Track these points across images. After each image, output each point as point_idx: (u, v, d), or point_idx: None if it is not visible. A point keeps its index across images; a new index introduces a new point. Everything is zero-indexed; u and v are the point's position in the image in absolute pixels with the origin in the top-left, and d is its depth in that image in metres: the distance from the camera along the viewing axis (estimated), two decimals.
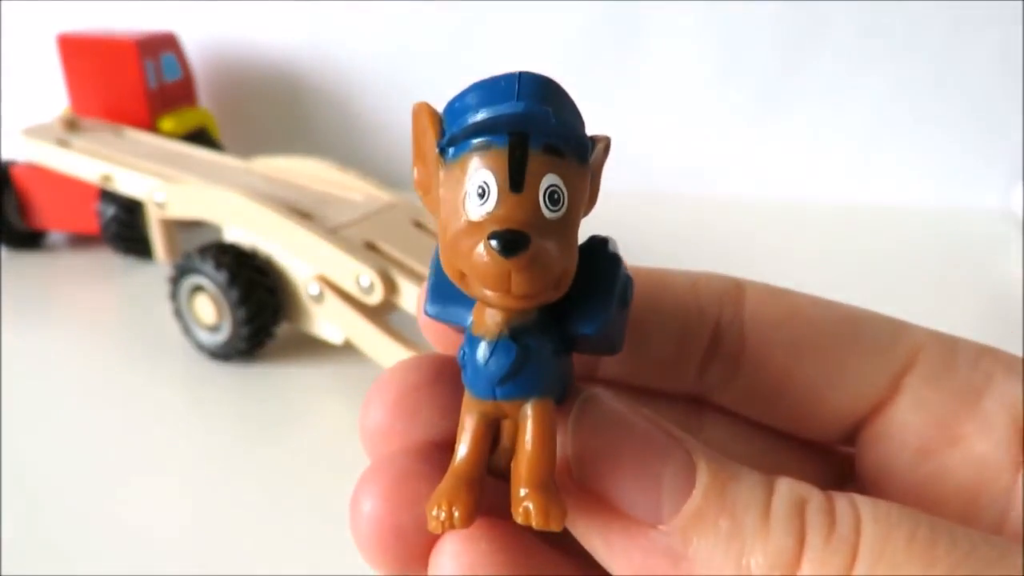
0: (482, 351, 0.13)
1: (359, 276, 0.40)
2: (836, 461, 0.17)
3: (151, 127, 0.61)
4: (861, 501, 0.12)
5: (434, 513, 0.12)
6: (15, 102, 0.71)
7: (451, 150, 0.12)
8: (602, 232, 0.14)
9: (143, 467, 0.38)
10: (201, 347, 0.46)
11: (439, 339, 0.16)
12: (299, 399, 0.43)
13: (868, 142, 0.71)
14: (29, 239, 0.60)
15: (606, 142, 0.13)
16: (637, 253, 0.20)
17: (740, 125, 0.71)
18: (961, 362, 0.15)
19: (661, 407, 0.17)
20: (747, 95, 0.70)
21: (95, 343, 0.49)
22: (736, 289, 0.16)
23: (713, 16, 0.67)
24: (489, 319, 0.13)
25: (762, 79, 0.69)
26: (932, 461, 0.15)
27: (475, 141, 0.12)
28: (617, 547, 0.12)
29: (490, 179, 0.12)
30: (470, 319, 0.13)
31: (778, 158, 0.72)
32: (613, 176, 0.16)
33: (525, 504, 0.12)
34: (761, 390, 0.16)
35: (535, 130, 0.12)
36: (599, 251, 0.14)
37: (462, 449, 0.13)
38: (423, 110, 0.13)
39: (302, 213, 0.44)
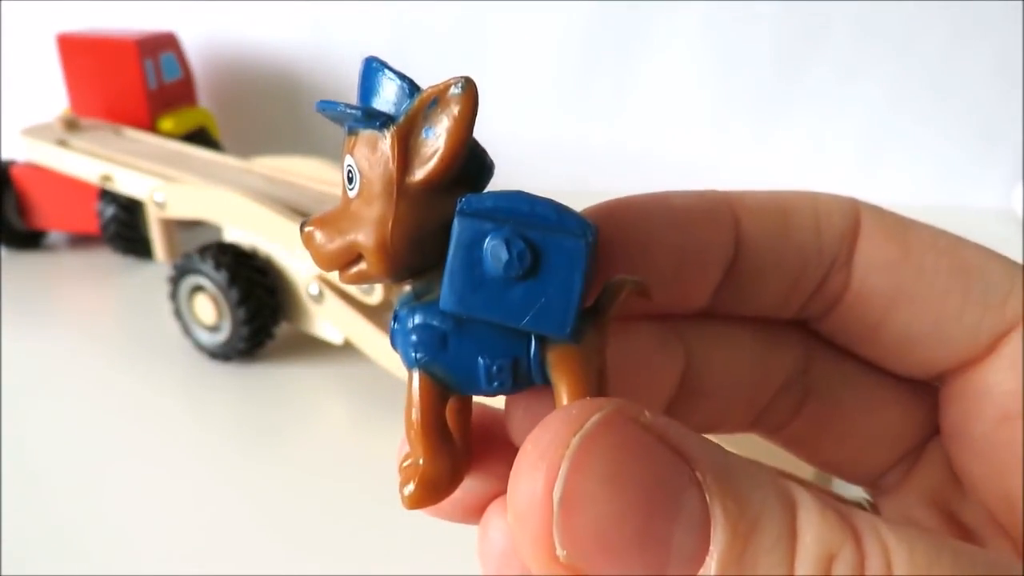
0: None
1: None
2: (932, 392, 0.17)
3: (151, 127, 0.61)
4: (896, 552, 0.10)
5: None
6: (15, 102, 0.71)
7: None
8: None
9: (143, 466, 0.38)
10: (201, 347, 0.46)
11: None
12: (299, 399, 0.43)
13: (869, 143, 0.71)
14: (29, 239, 0.60)
15: (444, 86, 0.11)
16: None
17: (740, 126, 0.71)
18: None
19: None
20: (748, 96, 0.70)
21: (95, 343, 0.49)
22: (854, 227, 0.15)
23: (713, 18, 0.67)
24: None
25: (763, 79, 0.69)
26: (1012, 426, 0.15)
27: None
28: None
29: None
30: None
31: (779, 158, 0.72)
32: (612, 176, 0.16)
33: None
34: (853, 326, 0.16)
35: (343, 120, 0.12)
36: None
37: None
38: None
39: (302, 213, 0.44)
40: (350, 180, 0.12)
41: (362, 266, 0.12)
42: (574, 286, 0.11)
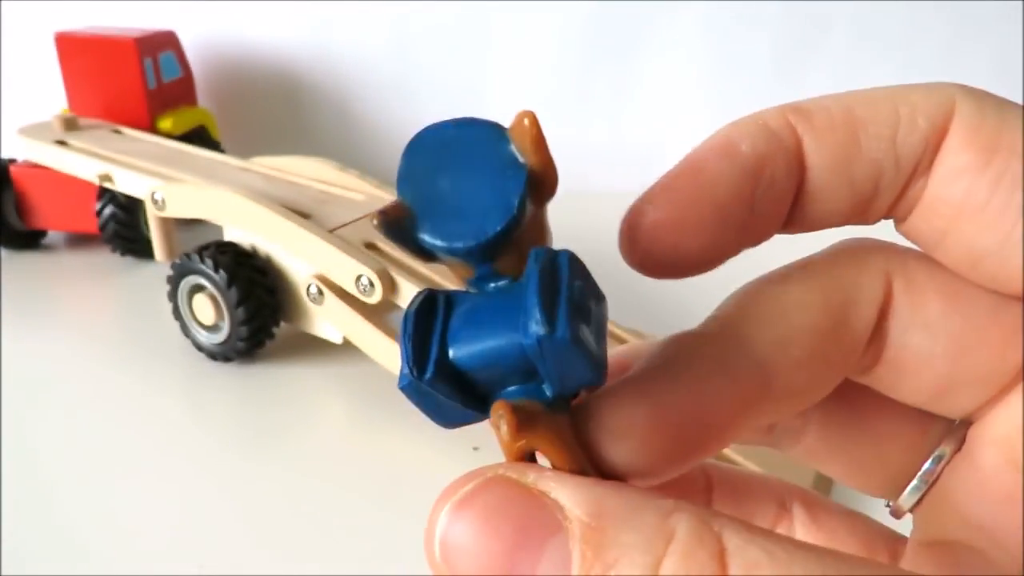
0: None
1: (359, 276, 0.40)
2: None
3: (150, 126, 0.61)
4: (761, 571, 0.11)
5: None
6: (14, 101, 0.71)
7: None
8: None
9: (142, 466, 0.38)
10: (200, 347, 0.46)
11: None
12: (298, 399, 0.43)
13: None
14: (28, 239, 0.60)
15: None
16: None
17: None
18: None
19: None
20: (748, 96, 0.70)
21: (94, 343, 0.49)
22: (943, 126, 0.14)
23: (713, 19, 0.67)
24: None
25: (763, 79, 0.69)
26: None
27: None
28: None
29: None
30: None
31: None
32: (612, 176, 0.16)
33: None
34: (925, 232, 0.15)
35: None
36: None
37: None
38: None
39: (301, 213, 0.44)
40: None
41: None
42: (424, 414, 0.13)
